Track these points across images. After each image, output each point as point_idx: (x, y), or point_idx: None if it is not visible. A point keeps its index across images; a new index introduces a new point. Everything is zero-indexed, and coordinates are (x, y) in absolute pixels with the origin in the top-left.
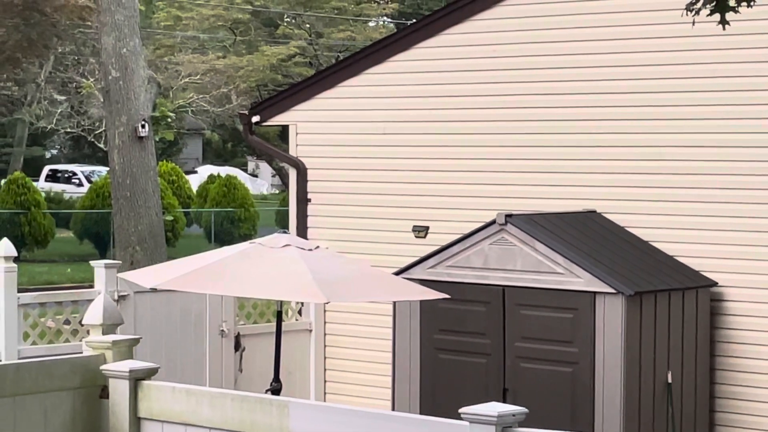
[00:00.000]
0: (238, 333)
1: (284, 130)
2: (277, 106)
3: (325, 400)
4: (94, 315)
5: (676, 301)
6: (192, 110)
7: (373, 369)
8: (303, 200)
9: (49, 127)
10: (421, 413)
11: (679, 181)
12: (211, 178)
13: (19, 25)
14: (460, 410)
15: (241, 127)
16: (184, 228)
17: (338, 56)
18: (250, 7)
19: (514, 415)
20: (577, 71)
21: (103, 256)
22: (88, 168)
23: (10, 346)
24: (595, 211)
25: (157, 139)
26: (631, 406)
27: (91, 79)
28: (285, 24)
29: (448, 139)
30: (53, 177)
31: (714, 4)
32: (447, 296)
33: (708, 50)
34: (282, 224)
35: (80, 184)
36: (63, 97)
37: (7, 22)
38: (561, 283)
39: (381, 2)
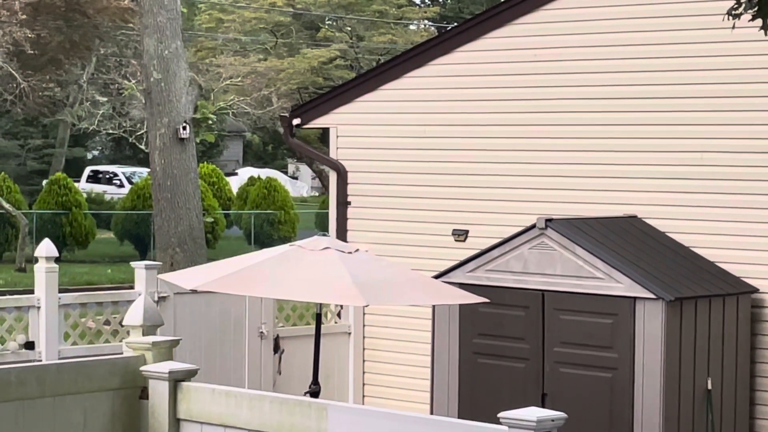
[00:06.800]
0: (277, 335)
1: (325, 132)
2: (317, 109)
3: (363, 403)
4: (134, 316)
5: (716, 308)
6: (233, 112)
7: (412, 372)
8: (343, 203)
9: (90, 128)
10: (459, 417)
11: (721, 186)
12: (252, 180)
13: (61, 27)
14: (499, 415)
15: (281, 130)
16: (224, 230)
17: (379, 59)
18: (291, 9)
19: (553, 420)
20: (619, 76)
21: (143, 257)
22: (129, 169)
23: (51, 346)
24: (635, 216)
25: (197, 140)
26: (670, 412)
27: (133, 81)
28: (326, 27)
29: (489, 143)
30: (94, 178)
31: (756, 9)
32: (486, 300)
33: (750, 55)
34: (322, 227)
35: (121, 186)
36: (105, 99)
37: (49, 24)
38: (601, 288)
39: (422, 6)
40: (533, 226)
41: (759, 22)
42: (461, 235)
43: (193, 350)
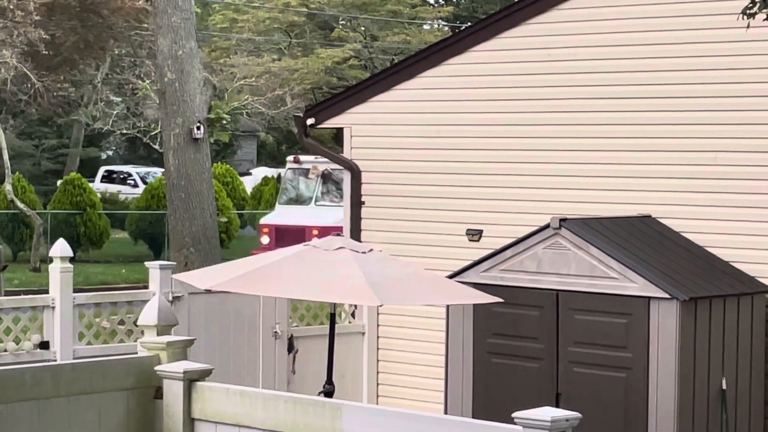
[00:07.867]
0: (292, 335)
1: (339, 132)
2: (331, 109)
3: (377, 403)
4: (148, 316)
5: (731, 307)
6: (247, 112)
7: (426, 372)
8: (357, 203)
9: (105, 128)
10: (473, 417)
11: (735, 186)
12: (266, 180)
13: (76, 27)
14: (514, 414)
15: (295, 130)
16: (238, 229)
17: (393, 59)
18: (305, 9)
19: (567, 420)
20: (632, 75)
21: (157, 257)
22: (143, 169)
23: (66, 346)
24: (650, 216)
25: (212, 140)
26: (684, 412)
27: (147, 81)
28: (340, 27)
29: (502, 143)
30: (109, 178)
31: None
32: (500, 300)
33: (764, 55)
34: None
35: (135, 185)
36: (119, 99)
37: (64, 24)
38: (615, 287)
39: (436, 5)
40: (547, 226)
41: None
42: (475, 234)
43: (208, 350)
